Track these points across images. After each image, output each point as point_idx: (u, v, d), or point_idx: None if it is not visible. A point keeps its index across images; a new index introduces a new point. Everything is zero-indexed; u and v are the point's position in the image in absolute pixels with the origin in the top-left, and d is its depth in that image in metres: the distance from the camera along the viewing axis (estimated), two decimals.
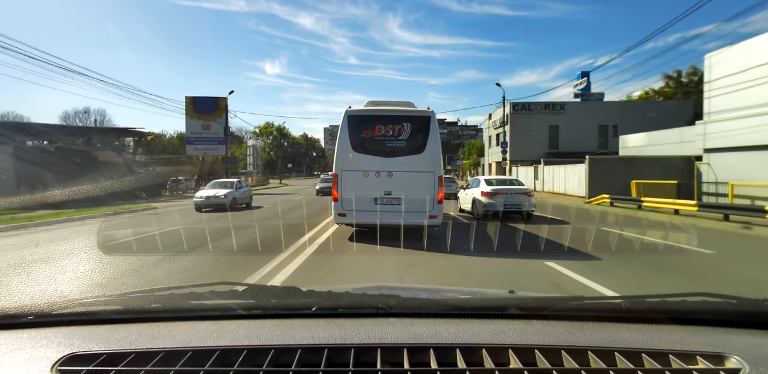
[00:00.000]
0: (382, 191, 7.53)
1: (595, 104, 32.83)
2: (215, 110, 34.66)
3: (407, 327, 0.99)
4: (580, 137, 32.88)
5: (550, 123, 31.57)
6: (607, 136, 34.31)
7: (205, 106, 34.78)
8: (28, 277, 4.84)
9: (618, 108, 32.92)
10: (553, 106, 31.23)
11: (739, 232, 9.13)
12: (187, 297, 1.21)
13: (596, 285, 4.53)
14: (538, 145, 33.69)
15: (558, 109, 31.31)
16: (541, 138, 31.68)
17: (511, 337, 0.94)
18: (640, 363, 0.85)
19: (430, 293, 1.53)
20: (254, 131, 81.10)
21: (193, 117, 34.31)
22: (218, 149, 34.45)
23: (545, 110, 31.73)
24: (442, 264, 5.41)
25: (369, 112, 7.81)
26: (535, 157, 31.16)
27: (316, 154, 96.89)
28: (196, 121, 34.77)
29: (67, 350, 0.90)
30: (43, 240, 7.83)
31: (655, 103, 32.80)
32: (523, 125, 32.00)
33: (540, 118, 31.81)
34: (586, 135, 33.04)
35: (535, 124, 31.87)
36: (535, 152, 32.66)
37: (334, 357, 0.86)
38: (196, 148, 34.58)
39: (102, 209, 13.84)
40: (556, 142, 32.37)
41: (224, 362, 0.85)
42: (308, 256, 5.94)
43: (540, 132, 32.14)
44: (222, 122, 34.09)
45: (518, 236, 7.59)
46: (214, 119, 34.49)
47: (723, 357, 0.86)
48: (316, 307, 1.09)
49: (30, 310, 1.06)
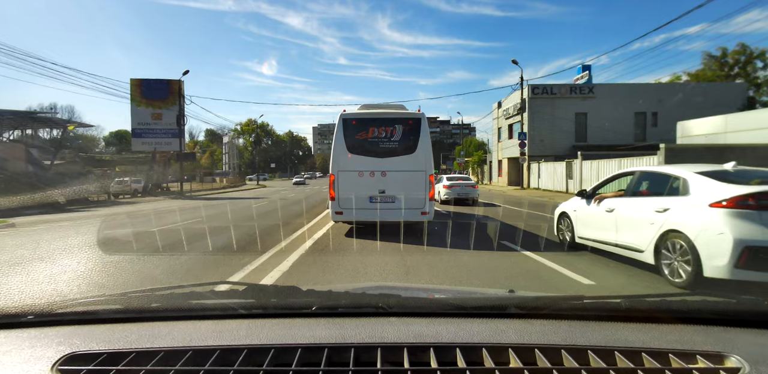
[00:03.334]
0: (377, 190, 8.13)
1: (630, 87, 29.29)
2: (168, 96, 28.10)
3: (407, 327, 1.01)
4: (612, 127, 28.88)
5: (576, 109, 25.43)
6: (645, 126, 30.54)
7: (156, 90, 28.05)
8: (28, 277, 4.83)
9: (658, 91, 29.22)
10: (580, 89, 24.67)
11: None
12: (188, 297, 1.22)
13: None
14: (563, 137, 30.15)
15: (586, 92, 24.90)
16: (566, 128, 25.61)
17: (511, 336, 0.95)
18: (640, 363, 0.87)
19: (430, 292, 1.55)
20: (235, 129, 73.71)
21: (140, 104, 27.35)
22: (171, 143, 33.07)
23: (571, 94, 25.34)
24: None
25: (363, 115, 8.53)
26: (559, 151, 27.89)
27: (303, 153, 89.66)
28: (145, 109, 28.55)
29: (67, 349, 0.92)
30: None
31: (703, 85, 26.58)
32: (544, 112, 25.55)
33: (565, 103, 25.46)
34: (619, 124, 29.07)
35: (559, 111, 25.35)
36: (559, 145, 28.94)
37: (334, 357, 0.88)
38: (144, 143, 27.82)
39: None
40: (584, 132, 25.76)
41: (224, 361, 0.87)
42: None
43: (565, 120, 25.67)
44: (176, 110, 26.37)
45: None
46: (167, 106, 28.79)
47: (723, 356, 0.87)
48: (316, 307, 1.10)
49: (30, 310, 1.08)
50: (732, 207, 4.00)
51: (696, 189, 4.49)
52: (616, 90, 27.42)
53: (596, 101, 27.46)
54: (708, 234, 4.04)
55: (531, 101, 27.00)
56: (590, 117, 27.77)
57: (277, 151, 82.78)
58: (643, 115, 27.77)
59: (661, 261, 4.58)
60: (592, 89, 27.08)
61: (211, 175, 53.66)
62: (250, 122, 72.00)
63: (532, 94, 27.19)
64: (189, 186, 31.08)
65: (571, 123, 27.77)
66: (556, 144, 27.60)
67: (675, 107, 26.40)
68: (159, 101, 30.18)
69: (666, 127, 27.22)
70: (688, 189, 4.58)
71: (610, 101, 27.19)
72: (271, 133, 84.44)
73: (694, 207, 4.34)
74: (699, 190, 4.43)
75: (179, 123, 27.66)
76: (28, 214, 13.85)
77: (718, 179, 4.42)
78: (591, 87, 27.00)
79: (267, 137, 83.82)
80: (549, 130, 27.57)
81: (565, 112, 27.45)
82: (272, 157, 79.58)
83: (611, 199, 5.70)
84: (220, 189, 35.52)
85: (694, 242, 4.14)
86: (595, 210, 5.89)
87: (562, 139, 27.61)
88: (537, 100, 27.67)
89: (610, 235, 5.46)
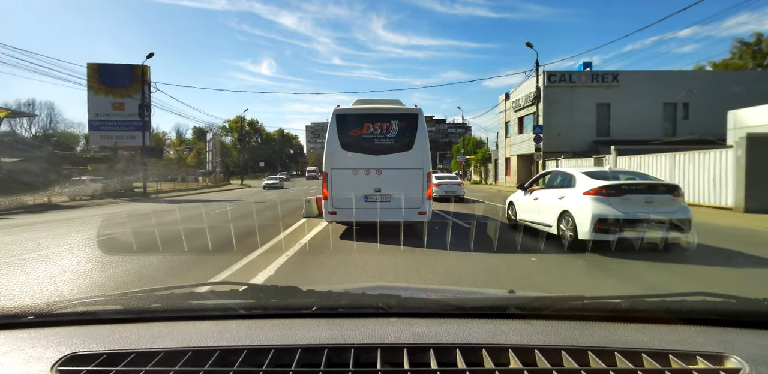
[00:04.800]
0: (372, 188, 8.07)
1: (658, 75, 26.77)
2: (131, 83, 23.20)
3: (407, 327, 1.04)
4: (639, 119, 26.22)
5: (598, 100, 21.65)
6: (674, 118, 28.08)
7: (117, 76, 23.93)
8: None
9: (689, 80, 26.38)
10: (603, 76, 20.92)
11: None
12: (187, 297, 1.23)
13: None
14: (582, 131, 27.83)
15: (610, 80, 21.13)
16: (587, 120, 21.81)
17: (511, 337, 0.98)
18: (640, 363, 0.90)
19: (430, 293, 1.57)
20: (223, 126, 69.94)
21: (98, 92, 23.03)
22: (135, 137, 30.08)
23: (592, 82, 21.61)
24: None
25: (357, 111, 8.48)
26: (578, 147, 25.52)
27: (294, 152, 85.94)
28: (104, 98, 23.75)
29: (67, 350, 0.94)
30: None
31: (740, 73, 22.78)
32: (562, 103, 21.66)
33: (585, 93, 21.71)
34: (646, 116, 26.39)
35: (578, 102, 21.50)
36: (578, 140, 26.21)
37: (334, 357, 0.91)
38: (103, 137, 23.80)
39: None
40: (606, 126, 21.95)
41: (224, 362, 0.90)
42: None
43: (585, 112, 21.86)
44: (141, 100, 21.91)
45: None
46: (130, 95, 23.20)
47: (723, 357, 0.90)
48: (316, 307, 1.13)
49: (30, 310, 1.11)
50: (593, 194, 6.51)
51: (578, 183, 6.99)
52: (642, 78, 24.41)
53: (620, 90, 24.23)
54: (581, 212, 6.53)
55: (547, 90, 23.55)
56: (614, 108, 24.53)
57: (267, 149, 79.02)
58: (672, 107, 24.55)
59: (559, 231, 7.01)
60: (616, 77, 23.90)
61: (195, 174, 51.55)
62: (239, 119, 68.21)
63: (548, 81, 23.95)
64: (156, 186, 27.21)
65: (591, 115, 24.52)
66: (574, 139, 24.28)
67: (709, 97, 24.18)
68: (121, 89, 26.41)
69: (699, 119, 23.79)
70: (575, 183, 7.08)
71: (637, 90, 23.99)
72: (261, 131, 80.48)
73: (576, 195, 6.80)
74: (580, 184, 6.95)
75: (142, 114, 23.72)
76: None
77: (591, 177, 6.96)
78: (615, 74, 23.83)
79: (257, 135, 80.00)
80: (567, 122, 24.24)
81: (585, 102, 24.21)
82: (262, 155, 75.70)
83: (537, 191, 8.19)
84: (196, 190, 32.12)
85: (574, 217, 6.62)
86: (528, 199, 8.40)
87: (581, 133, 24.31)
88: (554, 89, 24.32)
89: (535, 216, 8.01)
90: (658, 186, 6.64)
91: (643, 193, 6.44)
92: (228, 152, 71.77)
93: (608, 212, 6.26)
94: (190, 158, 76.60)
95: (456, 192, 17.68)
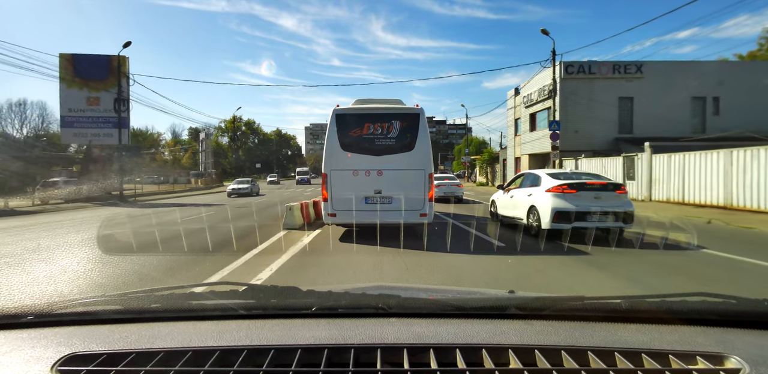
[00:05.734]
0: (373, 190, 8.08)
1: (686, 66, 24.60)
2: (108, 75, 19.84)
3: (407, 327, 1.06)
4: (665, 115, 23.49)
5: (620, 93, 19.30)
6: (704, 114, 25.08)
7: (93, 68, 20.92)
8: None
9: (718, 71, 24.24)
10: (625, 67, 18.34)
11: None
12: (187, 297, 1.25)
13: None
14: (602, 127, 24.92)
15: (633, 71, 18.52)
16: (607, 115, 19.83)
17: (511, 337, 1.00)
18: (640, 363, 0.91)
19: (430, 293, 1.60)
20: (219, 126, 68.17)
21: (72, 85, 20.09)
22: (112, 135, 27.94)
23: (614, 74, 19.03)
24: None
25: (357, 111, 8.47)
26: (597, 145, 23.58)
27: (292, 153, 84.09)
28: (78, 92, 20.17)
29: (67, 350, 0.96)
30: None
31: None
32: (580, 97, 18.76)
33: (606, 85, 19.26)
34: (673, 111, 23.77)
35: (598, 95, 18.95)
36: (598, 137, 24.13)
37: (334, 357, 0.93)
38: (76, 134, 20.72)
39: None
40: (628, 121, 19.46)
41: (224, 362, 0.92)
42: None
43: (606, 106, 19.10)
44: (117, 93, 19.18)
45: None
46: (106, 88, 21.00)
47: (723, 357, 0.91)
48: (316, 307, 1.15)
49: (30, 310, 1.13)
50: (552, 191, 7.95)
51: (543, 183, 8.43)
52: (669, 69, 22.58)
53: (644, 83, 22.17)
54: (543, 206, 8.01)
55: (563, 83, 21.36)
56: (637, 103, 22.33)
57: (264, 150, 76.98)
58: (701, 101, 22.46)
59: (528, 223, 8.56)
60: (640, 68, 21.87)
61: (188, 176, 51.25)
62: (235, 119, 65.81)
63: (566, 73, 21.99)
64: (135, 188, 24.94)
65: (613, 110, 22.47)
66: (593, 136, 22.25)
67: (741, 91, 23.27)
68: (97, 82, 24.21)
69: (731, 115, 21.68)
70: (541, 183, 8.51)
71: (662, 83, 22.01)
72: (258, 131, 78.44)
73: (540, 192, 8.28)
74: (544, 183, 8.38)
75: (118, 108, 21.46)
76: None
77: (553, 178, 8.38)
78: (639, 65, 21.80)
79: (254, 135, 78.01)
80: (585, 118, 22.18)
81: (606, 95, 22.23)
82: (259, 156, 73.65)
83: (512, 190, 9.67)
84: (182, 193, 30.04)
85: (539, 211, 8.11)
86: (505, 197, 9.95)
87: (601, 130, 22.25)
88: (571, 82, 22.24)
89: (511, 212, 9.56)
90: (606, 184, 8.10)
91: (593, 190, 7.86)
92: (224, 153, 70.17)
93: (564, 206, 7.66)
94: (185, 159, 74.74)
95: (455, 193, 18.28)
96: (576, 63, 23.90)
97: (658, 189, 16.23)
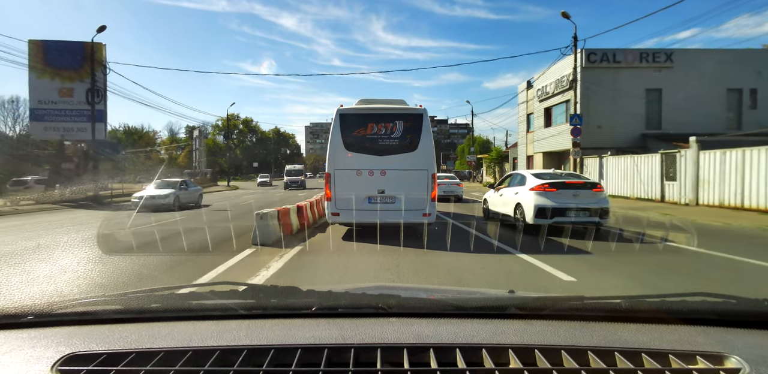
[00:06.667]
0: (376, 190, 8.22)
1: (721, 54, 21.96)
2: (83, 64, 16.56)
3: (407, 327, 1.07)
4: (696, 108, 20.98)
5: (647, 85, 16.31)
6: (740, 107, 22.51)
7: (66, 56, 17.68)
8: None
9: (757, 61, 21.60)
10: (654, 55, 15.57)
11: None
12: (187, 297, 1.26)
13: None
14: (628, 122, 22.23)
15: (663, 60, 15.65)
16: (633, 109, 16.19)
17: (511, 337, 1.01)
18: (640, 363, 0.92)
19: (430, 293, 1.61)
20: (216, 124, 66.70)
21: (43, 74, 17.02)
22: (87, 129, 23.40)
23: (641, 63, 16.09)
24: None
25: (361, 111, 8.68)
26: (621, 142, 21.03)
27: (291, 152, 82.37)
28: (50, 83, 16.73)
29: (67, 350, 0.96)
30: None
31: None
32: (603, 88, 15.74)
33: (631, 76, 16.41)
34: (706, 104, 21.23)
35: (623, 87, 15.81)
36: (622, 133, 21.41)
37: (334, 357, 0.94)
38: (48, 128, 17.25)
39: None
40: (656, 116, 16.53)
41: (224, 362, 0.92)
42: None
43: (631, 99, 15.93)
44: (91, 83, 16.52)
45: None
46: (81, 78, 16.45)
47: (723, 357, 0.92)
48: (316, 307, 1.16)
49: (30, 310, 1.15)
50: (535, 190, 8.81)
51: (528, 182, 9.32)
52: (702, 57, 20.32)
53: (674, 73, 20.01)
54: (527, 203, 8.92)
55: (585, 72, 19.10)
56: (666, 95, 20.08)
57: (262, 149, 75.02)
58: (737, 93, 20.25)
59: (515, 219, 9.50)
60: (670, 56, 19.76)
61: (182, 175, 47.74)
62: (232, 117, 63.72)
63: (588, 61, 19.70)
64: (121, 187, 23.04)
65: (639, 102, 20.02)
66: (617, 132, 20.19)
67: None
68: (70, 71, 22.08)
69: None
70: (526, 182, 9.41)
71: (694, 73, 19.64)
72: (256, 130, 76.53)
73: (525, 191, 9.15)
74: (528, 183, 9.28)
75: (92, 100, 19.29)
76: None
77: (537, 177, 9.27)
78: (669, 53, 19.81)
79: (251, 134, 76.18)
80: (609, 112, 20.14)
81: (631, 87, 20.28)
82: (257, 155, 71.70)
83: (502, 189, 10.60)
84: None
85: (524, 207, 9.04)
86: (496, 196, 10.89)
87: (626, 125, 20.20)
88: (593, 71, 20.13)
89: (501, 209, 10.49)
90: (584, 183, 9.14)
91: (572, 189, 8.79)
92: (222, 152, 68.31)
93: (545, 203, 8.57)
94: (181, 158, 72.95)
95: (455, 192, 19.02)
96: (599, 50, 22.43)
97: (708, 191, 14.32)
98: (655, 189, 16.54)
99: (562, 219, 8.44)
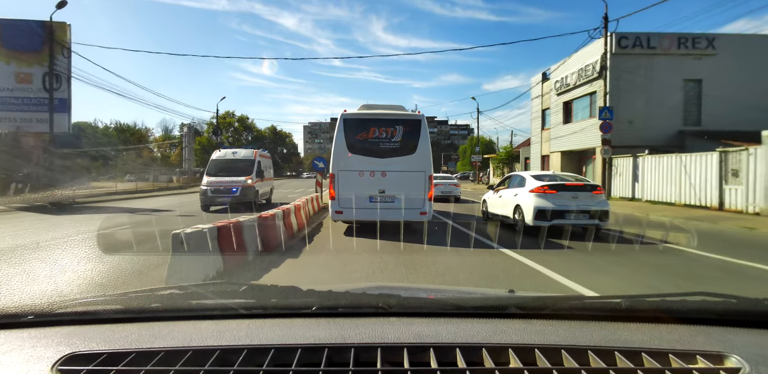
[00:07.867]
0: (377, 190, 8.86)
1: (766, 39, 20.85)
2: (42, 46, 20.78)
3: (407, 327, 1.10)
4: (742, 102, 18.10)
5: (685, 75, 13.09)
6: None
7: (23, 37, 20.89)
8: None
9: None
10: (694, 41, 12.28)
11: None
12: (188, 297, 1.29)
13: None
14: (663, 117, 19.21)
15: (703, 46, 12.34)
16: (669, 102, 12.48)
17: (511, 337, 1.03)
18: (640, 363, 0.94)
19: (430, 292, 1.63)
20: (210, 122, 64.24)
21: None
22: (45, 121, 20.38)
23: (679, 49, 12.58)
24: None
25: (363, 116, 9.37)
26: (654, 140, 17.96)
27: (288, 151, 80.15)
28: (5, 67, 20.58)
29: (67, 349, 0.98)
30: None
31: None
32: (636, 76, 12.33)
33: (667, 64, 13.08)
34: (753, 98, 18.23)
35: (658, 76, 12.38)
36: (656, 130, 18.42)
37: (334, 357, 0.96)
38: (2, 119, 20.65)
39: None
40: (696, 110, 13.15)
41: (224, 361, 0.95)
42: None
43: (668, 91, 12.33)
44: (56, 69, 12.43)
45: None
46: (40, 63, 20.41)
47: (723, 356, 0.93)
48: (316, 307, 1.18)
49: (30, 310, 1.17)
50: (535, 192, 9.02)
51: (527, 184, 9.57)
52: (749, 44, 17.52)
53: (717, 61, 17.66)
54: (526, 205, 9.17)
55: (614, 59, 16.46)
56: (707, 86, 17.41)
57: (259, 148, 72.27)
58: None
59: (514, 220, 9.84)
60: (712, 42, 17.34)
61: (171, 174, 48.63)
62: (227, 114, 61.23)
63: (618, 47, 16.95)
64: (73, 190, 20.40)
65: (676, 95, 17.30)
66: (650, 128, 17.88)
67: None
68: (31, 54, 19.49)
69: None
70: (526, 184, 9.66)
71: (739, 62, 17.11)
72: (252, 128, 74.21)
73: (525, 193, 9.45)
74: (528, 184, 9.53)
75: (50, 86, 16.67)
76: None
77: (537, 179, 9.51)
78: (711, 38, 17.69)
79: (247, 132, 73.94)
80: (642, 105, 17.22)
81: (668, 77, 17.75)
82: None
83: (501, 191, 10.93)
84: (148, 193, 25.96)
85: (523, 209, 9.35)
86: (495, 197, 11.26)
87: (660, 120, 17.87)
88: (624, 58, 17.89)
89: (500, 210, 10.84)
90: (584, 186, 9.22)
91: (571, 191, 8.92)
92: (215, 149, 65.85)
93: (545, 205, 8.71)
94: (174, 156, 70.64)
95: (452, 192, 19.66)
96: (631, 34, 20.31)
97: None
98: (711, 195, 14.12)
99: (561, 221, 8.79)
